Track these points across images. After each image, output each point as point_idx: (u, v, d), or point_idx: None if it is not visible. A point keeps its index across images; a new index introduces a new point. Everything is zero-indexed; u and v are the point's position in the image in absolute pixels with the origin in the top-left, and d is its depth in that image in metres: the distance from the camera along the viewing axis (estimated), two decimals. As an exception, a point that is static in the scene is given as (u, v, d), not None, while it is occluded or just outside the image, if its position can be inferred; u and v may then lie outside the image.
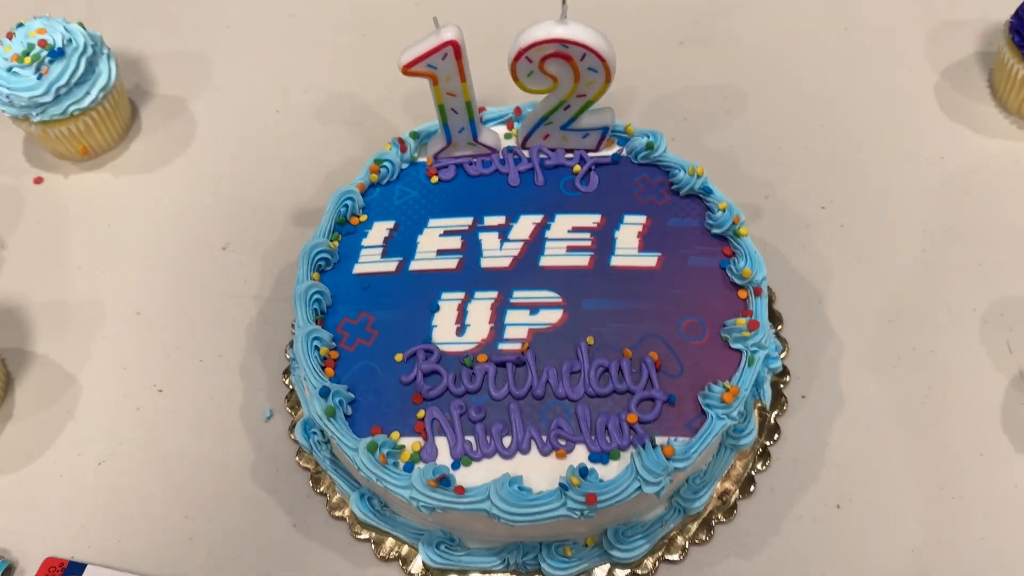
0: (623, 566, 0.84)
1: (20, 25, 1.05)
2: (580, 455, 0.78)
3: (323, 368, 0.83)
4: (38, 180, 1.14)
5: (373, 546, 0.87)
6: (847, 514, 0.86)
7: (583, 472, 0.76)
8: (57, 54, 1.04)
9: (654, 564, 0.84)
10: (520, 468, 0.78)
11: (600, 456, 0.77)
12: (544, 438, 0.79)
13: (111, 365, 0.99)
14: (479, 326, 0.85)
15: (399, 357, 0.83)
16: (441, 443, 0.79)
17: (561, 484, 0.75)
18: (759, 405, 0.91)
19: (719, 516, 0.87)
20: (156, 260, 1.06)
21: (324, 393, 0.80)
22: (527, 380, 0.81)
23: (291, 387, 0.96)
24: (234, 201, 1.11)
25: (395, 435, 0.79)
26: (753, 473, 0.89)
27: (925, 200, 1.05)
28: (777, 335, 0.96)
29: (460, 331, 0.85)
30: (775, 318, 0.98)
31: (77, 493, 0.91)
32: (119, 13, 1.29)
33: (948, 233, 1.02)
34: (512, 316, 0.85)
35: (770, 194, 1.06)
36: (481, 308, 0.86)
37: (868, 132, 1.11)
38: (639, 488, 0.76)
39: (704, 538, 0.86)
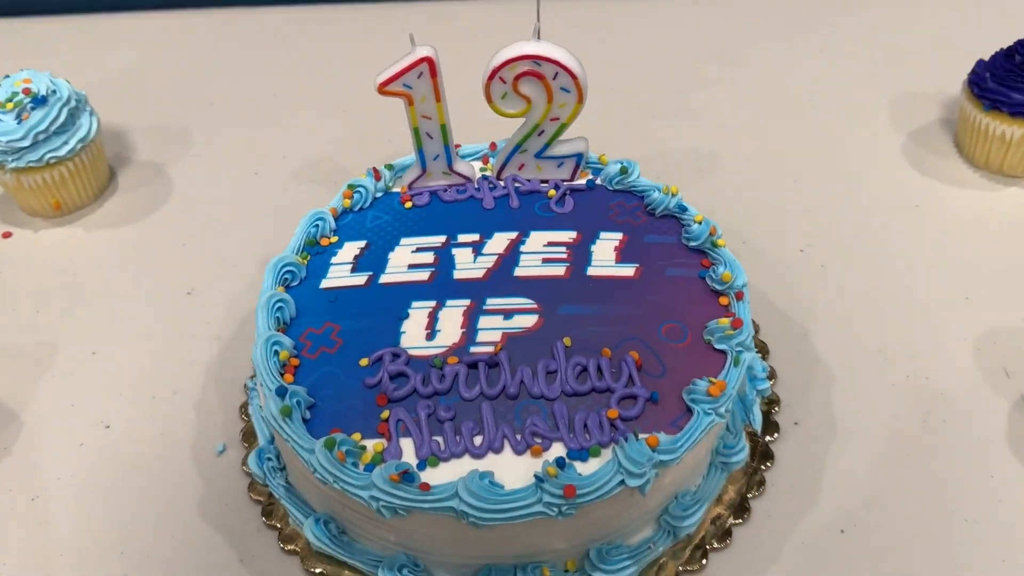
0: (609, 595, 0.75)
1: (7, 76, 1.08)
2: (558, 453, 0.71)
3: (282, 375, 0.77)
4: (7, 235, 1.12)
5: (328, 580, 0.78)
6: (852, 539, 0.78)
7: (560, 463, 0.69)
8: (40, 101, 1.05)
9: (643, 592, 0.76)
10: (492, 467, 0.71)
11: (579, 453, 0.71)
12: (518, 437, 0.72)
13: (57, 403, 0.93)
14: (450, 331, 0.81)
15: (364, 362, 0.78)
16: (406, 444, 0.73)
17: (537, 477, 0.69)
18: (749, 430, 0.85)
19: (712, 542, 0.78)
20: (118, 305, 1.03)
21: (281, 392, 0.75)
22: (500, 380, 0.76)
23: (247, 420, 0.89)
24: (204, 252, 1.09)
25: (356, 436, 0.73)
26: (749, 497, 0.81)
27: (904, 243, 1.04)
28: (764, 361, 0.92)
29: (430, 336, 0.80)
30: (761, 348, 0.94)
31: (2, 529, 0.82)
32: (108, 92, 1.32)
33: (930, 271, 1.01)
34: (485, 322, 0.81)
35: (747, 240, 1.05)
36: (453, 314, 0.82)
37: (840, 186, 1.12)
38: (622, 482, 0.69)
39: (697, 565, 0.77)
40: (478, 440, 0.72)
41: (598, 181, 0.95)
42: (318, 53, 1.42)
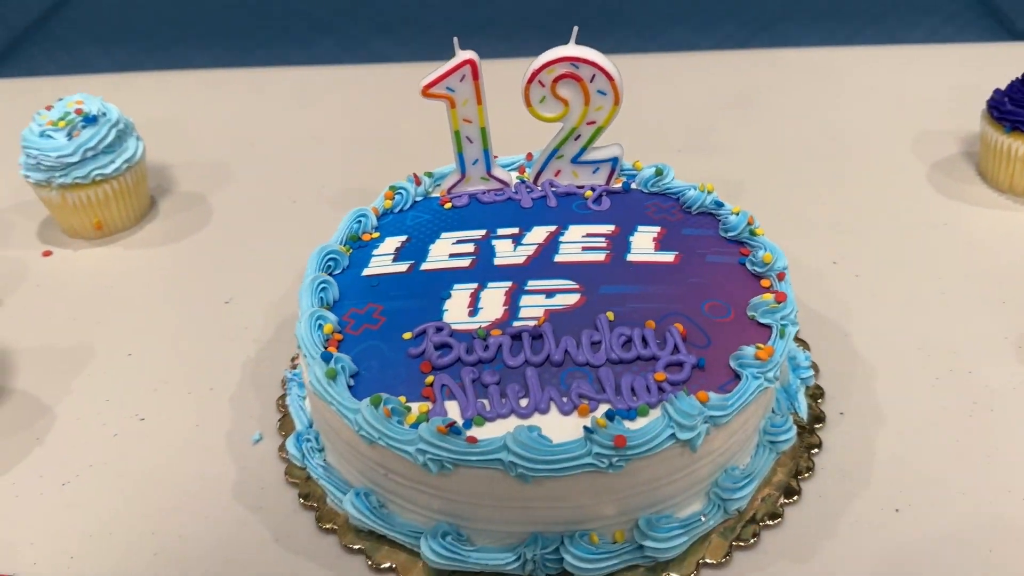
0: (660, 569, 0.72)
1: (61, 99, 1.12)
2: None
3: (326, 348, 0.77)
4: (47, 253, 1.14)
5: (366, 557, 0.75)
6: (909, 517, 0.76)
7: (610, 416, 0.68)
8: (90, 120, 1.09)
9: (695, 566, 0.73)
10: (539, 425, 0.70)
11: (627, 412, 0.70)
12: (564, 399, 0.72)
13: (92, 398, 0.92)
14: (492, 308, 0.81)
15: (408, 335, 0.78)
16: (451, 406, 0.72)
17: (586, 428, 0.67)
18: (795, 418, 0.83)
19: (765, 519, 0.76)
20: (156, 312, 1.03)
21: (326, 358, 0.75)
22: (544, 349, 0.76)
23: (284, 412, 0.88)
24: (242, 266, 1.10)
25: (401, 399, 0.72)
26: (799, 480, 0.79)
27: (935, 255, 1.05)
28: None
29: (472, 313, 0.81)
30: (801, 343, 0.93)
31: (30, 512, 0.80)
32: (154, 133, 1.36)
33: (965, 279, 1.01)
34: (527, 300, 0.82)
35: (780, 251, 1.06)
36: (495, 294, 0.82)
37: (867, 207, 1.14)
38: (673, 435, 0.67)
39: (749, 542, 0.74)
40: (524, 402, 0.71)
41: (633, 185, 0.97)
42: (359, 103, 1.48)
